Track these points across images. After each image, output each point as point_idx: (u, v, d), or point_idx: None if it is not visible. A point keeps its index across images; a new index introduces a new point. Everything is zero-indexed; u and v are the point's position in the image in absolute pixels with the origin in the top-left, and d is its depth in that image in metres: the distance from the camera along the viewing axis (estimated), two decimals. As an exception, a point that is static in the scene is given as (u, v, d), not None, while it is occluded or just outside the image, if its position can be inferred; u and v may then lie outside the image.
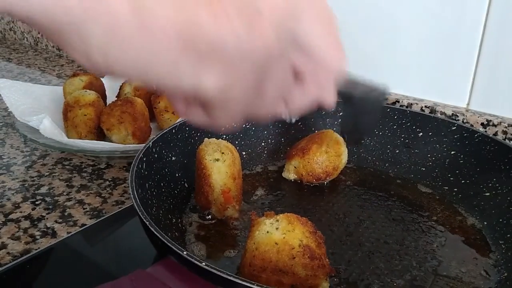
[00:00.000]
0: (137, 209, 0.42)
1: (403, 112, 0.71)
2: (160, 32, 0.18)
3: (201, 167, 0.53)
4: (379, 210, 0.59)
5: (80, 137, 0.74)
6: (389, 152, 0.71)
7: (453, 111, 0.76)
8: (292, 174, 0.64)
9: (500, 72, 0.72)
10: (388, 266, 0.48)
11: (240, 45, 0.19)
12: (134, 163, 0.50)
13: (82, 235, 0.54)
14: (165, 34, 0.18)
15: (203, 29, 0.18)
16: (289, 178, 0.65)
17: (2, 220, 0.57)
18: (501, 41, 0.70)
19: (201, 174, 0.53)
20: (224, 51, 0.19)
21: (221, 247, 0.50)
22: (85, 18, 0.18)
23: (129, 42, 0.18)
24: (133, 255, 0.51)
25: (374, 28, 0.83)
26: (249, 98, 0.22)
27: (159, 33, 0.18)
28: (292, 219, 0.42)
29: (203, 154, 0.53)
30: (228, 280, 0.33)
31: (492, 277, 0.47)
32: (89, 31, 0.18)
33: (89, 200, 0.63)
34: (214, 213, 0.55)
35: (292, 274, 0.40)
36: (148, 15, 0.18)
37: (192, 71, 0.19)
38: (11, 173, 0.70)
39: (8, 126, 0.88)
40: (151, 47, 0.19)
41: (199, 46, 0.19)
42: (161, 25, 0.18)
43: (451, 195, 0.62)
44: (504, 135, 0.71)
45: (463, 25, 0.73)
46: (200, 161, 0.53)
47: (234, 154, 0.55)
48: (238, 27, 0.19)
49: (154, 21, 0.18)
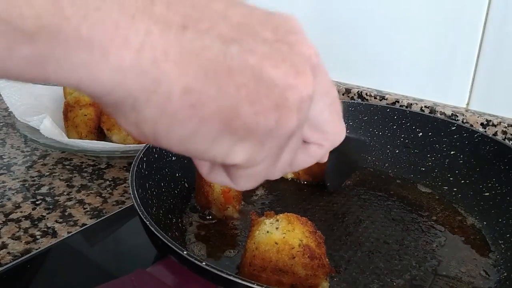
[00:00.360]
0: (138, 209, 0.42)
1: (403, 112, 0.71)
2: (204, 114, 0.21)
3: (201, 167, 0.53)
4: (378, 210, 0.59)
5: (81, 137, 0.74)
6: (388, 152, 0.71)
7: (452, 111, 0.76)
8: (289, 173, 0.65)
9: (500, 72, 0.72)
10: (388, 265, 0.48)
11: (270, 132, 0.22)
12: (135, 163, 0.50)
13: (82, 235, 0.54)
14: (208, 116, 0.21)
15: (242, 116, 0.21)
16: (287, 177, 0.65)
17: (3, 220, 0.58)
18: (500, 41, 0.70)
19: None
20: (256, 134, 0.22)
21: (221, 247, 0.50)
22: (141, 96, 0.20)
23: (176, 120, 0.21)
24: (134, 254, 0.51)
25: (374, 28, 0.83)
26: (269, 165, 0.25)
27: (203, 114, 0.21)
28: (292, 219, 0.42)
29: (203, 154, 0.54)
30: (228, 279, 0.34)
31: (491, 277, 0.47)
32: (142, 107, 0.20)
33: (90, 200, 0.63)
34: (214, 213, 0.55)
35: (292, 273, 0.40)
36: (195, 98, 0.20)
37: (227, 147, 0.22)
38: (11, 173, 0.70)
39: (8, 126, 0.88)
40: (195, 127, 0.21)
41: (237, 130, 0.22)
42: (205, 107, 0.21)
43: (450, 195, 0.62)
44: (504, 135, 0.71)
45: (463, 25, 0.73)
46: (200, 161, 0.54)
47: (234, 154, 0.55)
48: (271, 118, 0.22)
49: (199, 104, 0.20)
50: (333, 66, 0.90)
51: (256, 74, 0.21)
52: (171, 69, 0.20)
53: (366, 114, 0.72)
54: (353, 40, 0.86)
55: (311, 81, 0.23)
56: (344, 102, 0.75)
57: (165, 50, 0.19)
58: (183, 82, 0.20)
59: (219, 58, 0.20)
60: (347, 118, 0.73)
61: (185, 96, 0.20)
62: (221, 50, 0.20)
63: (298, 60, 0.22)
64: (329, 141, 0.29)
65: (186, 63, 0.20)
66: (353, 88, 0.86)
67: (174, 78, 0.20)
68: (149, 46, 0.19)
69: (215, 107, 0.21)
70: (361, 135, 0.72)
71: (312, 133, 0.28)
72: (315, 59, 0.24)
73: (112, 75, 0.19)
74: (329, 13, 0.87)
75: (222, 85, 0.20)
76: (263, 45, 0.21)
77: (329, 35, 0.88)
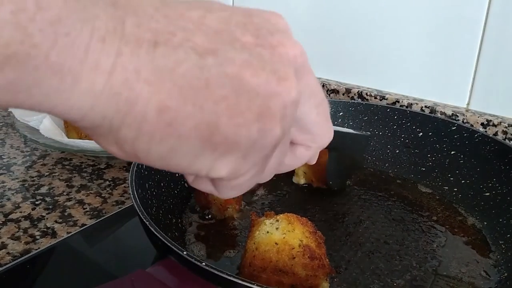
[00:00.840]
0: (137, 209, 0.42)
1: (403, 112, 0.71)
2: (181, 131, 0.20)
3: (201, 167, 0.53)
4: (379, 210, 0.59)
5: (80, 137, 0.74)
6: (389, 152, 0.71)
7: (453, 111, 0.76)
8: (302, 179, 0.65)
9: (500, 72, 0.72)
10: (388, 266, 0.48)
11: (253, 143, 0.21)
12: (134, 163, 0.50)
13: (82, 235, 0.54)
14: (186, 133, 0.20)
15: (223, 131, 0.20)
16: (300, 183, 0.65)
17: (2, 220, 0.57)
18: (501, 41, 0.70)
19: (201, 174, 0.53)
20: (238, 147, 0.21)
21: (221, 247, 0.50)
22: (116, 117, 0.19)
23: (154, 138, 0.20)
24: (133, 255, 0.51)
25: (374, 28, 0.83)
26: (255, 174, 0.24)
27: (181, 132, 0.20)
28: (292, 219, 0.42)
29: (203, 154, 0.54)
30: (228, 280, 0.33)
31: (492, 277, 0.47)
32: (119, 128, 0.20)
33: (89, 200, 0.63)
34: (214, 213, 0.55)
35: (292, 274, 0.40)
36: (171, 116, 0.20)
37: (209, 161, 0.22)
38: (11, 173, 0.70)
39: (8, 126, 0.88)
40: (173, 143, 0.21)
41: (217, 143, 0.21)
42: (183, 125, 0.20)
43: (451, 195, 0.62)
44: (504, 135, 0.71)
45: (463, 25, 0.73)
46: (200, 161, 0.53)
47: (234, 154, 0.55)
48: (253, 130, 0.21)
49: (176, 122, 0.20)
50: (333, 66, 0.90)
51: (235, 85, 0.20)
52: (143, 89, 0.19)
53: (366, 114, 0.72)
54: (353, 40, 0.86)
55: (295, 86, 0.22)
56: (344, 102, 0.75)
57: (137, 70, 0.19)
58: (157, 101, 0.19)
59: (195, 72, 0.20)
60: (347, 118, 0.73)
61: (160, 115, 0.19)
62: (196, 64, 0.20)
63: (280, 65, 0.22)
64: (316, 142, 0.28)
65: (159, 81, 0.19)
66: (353, 88, 0.86)
67: (147, 97, 0.19)
68: (120, 67, 0.19)
69: (193, 124, 0.20)
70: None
71: (299, 134, 0.27)
72: (299, 59, 0.23)
73: (85, 100, 0.19)
74: (329, 13, 0.87)
75: (199, 100, 0.20)
76: (242, 52, 0.21)
77: (329, 35, 0.88)
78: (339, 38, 0.88)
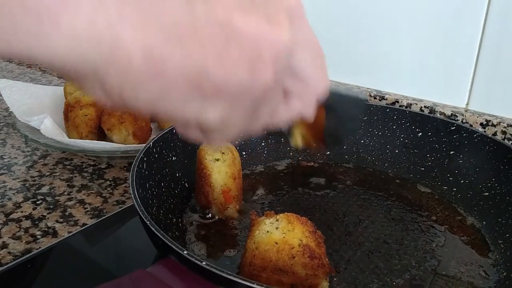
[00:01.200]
0: (138, 208, 0.42)
1: (403, 112, 0.71)
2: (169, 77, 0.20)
3: (201, 167, 0.54)
4: (378, 210, 0.59)
5: (81, 137, 0.74)
6: (388, 152, 0.71)
7: (452, 111, 0.76)
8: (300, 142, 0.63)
9: (499, 72, 0.72)
10: (388, 265, 0.48)
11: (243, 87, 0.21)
12: (135, 163, 0.51)
13: (83, 234, 0.54)
14: (175, 79, 0.20)
15: (210, 74, 0.20)
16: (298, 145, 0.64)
17: (3, 220, 0.58)
18: (500, 42, 0.70)
19: (201, 174, 0.54)
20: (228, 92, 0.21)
21: (221, 247, 0.50)
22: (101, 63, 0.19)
23: (141, 85, 0.20)
24: (134, 254, 0.51)
25: (373, 28, 0.83)
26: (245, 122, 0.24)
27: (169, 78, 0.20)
28: (292, 219, 0.42)
29: (204, 154, 0.54)
30: (229, 279, 0.34)
31: (491, 277, 0.47)
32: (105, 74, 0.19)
33: (90, 199, 0.63)
34: (214, 212, 0.55)
35: (292, 273, 0.40)
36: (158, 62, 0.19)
37: (197, 107, 0.21)
38: (12, 173, 0.70)
39: (9, 126, 0.88)
40: (161, 89, 0.20)
41: (205, 88, 0.20)
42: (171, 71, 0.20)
43: (450, 195, 0.62)
44: (503, 135, 0.72)
45: (463, 25, 0.73)
46: (201, 161, 0.54)
47: (234, 154, 0.55)
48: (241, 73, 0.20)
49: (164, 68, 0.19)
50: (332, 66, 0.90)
51: (225, 28, 0.20)
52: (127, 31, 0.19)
53: (366, 114, 0.72)
54: (353, 40, 0.87)
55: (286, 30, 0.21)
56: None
57: (120, 13, 0.18)
58: (142, 45, 0.19)
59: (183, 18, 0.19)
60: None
61: (147, 60, 0.19)
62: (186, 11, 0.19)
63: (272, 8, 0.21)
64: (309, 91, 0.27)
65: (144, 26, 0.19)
66: (353, 88, 0.86)
67: (131, 40, 0.19)
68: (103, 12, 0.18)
69: (180, 70, 0.20)
70: (361, 135, 0.72)
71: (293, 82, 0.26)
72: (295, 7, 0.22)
73: (67, 44, 0.18)
74: (328, 13, 0.87)
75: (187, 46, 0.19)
76: None
77: (328, 35, 0.88)
78: (339, 39, 0.88)
